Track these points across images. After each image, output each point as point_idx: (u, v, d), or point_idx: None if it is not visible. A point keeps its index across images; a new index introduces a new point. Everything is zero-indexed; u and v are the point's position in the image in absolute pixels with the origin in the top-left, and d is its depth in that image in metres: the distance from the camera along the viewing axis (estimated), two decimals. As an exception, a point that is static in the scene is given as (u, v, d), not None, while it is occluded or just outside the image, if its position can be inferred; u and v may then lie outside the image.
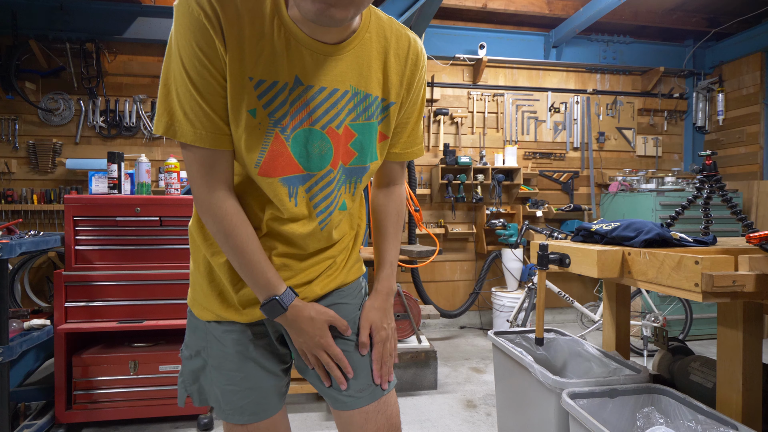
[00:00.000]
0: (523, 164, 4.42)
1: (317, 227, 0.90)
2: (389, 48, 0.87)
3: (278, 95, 0.78)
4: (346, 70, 0.82)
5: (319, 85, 0.80)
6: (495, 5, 4.06)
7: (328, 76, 0.81)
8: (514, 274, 3.95)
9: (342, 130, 0.85)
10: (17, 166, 3.61)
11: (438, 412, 2.48)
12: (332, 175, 0.87)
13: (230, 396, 0.94)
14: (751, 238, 1.09)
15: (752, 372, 1.24)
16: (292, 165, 0.82)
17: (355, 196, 0.95)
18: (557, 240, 1.74)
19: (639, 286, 1.25)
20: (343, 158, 0.87)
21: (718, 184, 1.73)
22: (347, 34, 0.81)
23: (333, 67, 0.81)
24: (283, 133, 0.80)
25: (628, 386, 1.37)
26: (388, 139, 0.93)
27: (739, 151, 4.40)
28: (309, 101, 0.80)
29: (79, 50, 3.59)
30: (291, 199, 0.85)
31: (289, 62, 0.78)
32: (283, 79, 0.78)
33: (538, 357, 1.82)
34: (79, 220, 2.21)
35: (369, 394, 0.95)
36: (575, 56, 4.45)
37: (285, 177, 0.83)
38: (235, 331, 0.93)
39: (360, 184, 0.93)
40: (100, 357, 2.23)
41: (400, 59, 0.89)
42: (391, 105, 0.90)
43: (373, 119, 0.88)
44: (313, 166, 0.84)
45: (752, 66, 4.28)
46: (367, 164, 0.90)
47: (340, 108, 0.83)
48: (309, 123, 0.81)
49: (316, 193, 0.87)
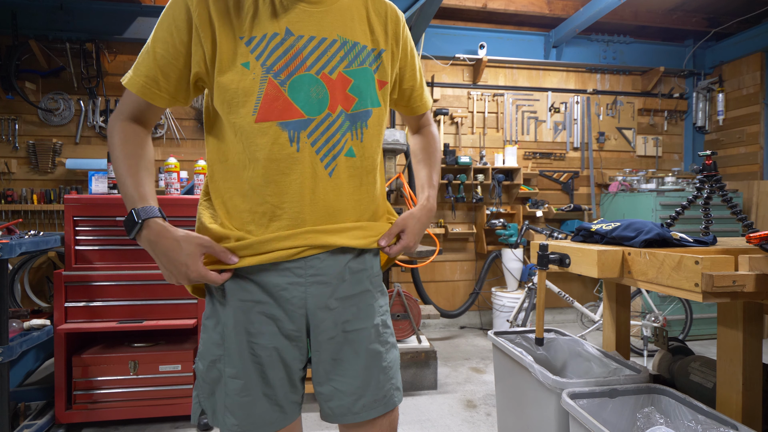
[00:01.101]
0: (523, 164, 4.42)
1: (324, 172, 0.90)
2: (369, 8, 0.97)
3: (268, 45, 0.86)
4: (332, 22, 0.91)
5: (309, 34, 0.88)
6: (495, 5, 4.06)
7: (316, 26, 0.89)
8: (514, 274, 3.95)
9: (336, 75, 0.90)
10: (17, 166, 3.61)
11: (438, 412, 2.48)
12: (331, 119, 0.90)
13: (246, 410, 0.89)
14: (751, 238, 1.09)
15: (752, 372, 1.24)
16: (291, 109, 0.87)
17: (364, 143, 0.94)
18: (557, 240, 1.74)
19: (639, 286, 1.25)
20: (344, 104, 0.91)
21: (718, 184, 1.72)
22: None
23: (319, 19, 0.90)
24: (276, 78, 0.86)
25: (628, 386, 1.37)
26: (388, 84, 0.99)
27: (739, 151, 4.40)
28: (301, 49, 0.88)
29: (79, 50, 3.59)
30: (293, 144, 0.87)
31: (275, 16, 0.87)
32: (273, 30, 0.86)
33: (538, 357, 1.82)
34: (79, 220, 2.21)
35: (382, 405, 0.96)
36: (575, 56, 4.45)
37: (284, 121, 0.87)
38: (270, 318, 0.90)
39: (366, 129, 0.94)
40: (100, 357, 2.23)
41: (380, 16, 0.99)
42: (382, 52, 0.97)
43: (366, 65, 0.94)
44: (312, 110, 0.88)
45: (752, 66, 4.28)
46: (369, 108, 0.94)
47: (330, 55, 0.90)
48: (303, 69, 0.88)
49: (317, 137, 0.89)
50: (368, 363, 0.95)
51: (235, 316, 0.90)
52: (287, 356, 0.92)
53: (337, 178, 0.91)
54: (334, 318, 0.93)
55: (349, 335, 0.95)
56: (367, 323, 0.97)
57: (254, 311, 0.90)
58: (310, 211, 0.89)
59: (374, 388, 0.95)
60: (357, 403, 0.94)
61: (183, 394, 2.28)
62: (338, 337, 0.94)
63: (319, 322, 0.93)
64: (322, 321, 0.93)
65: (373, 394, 0.95)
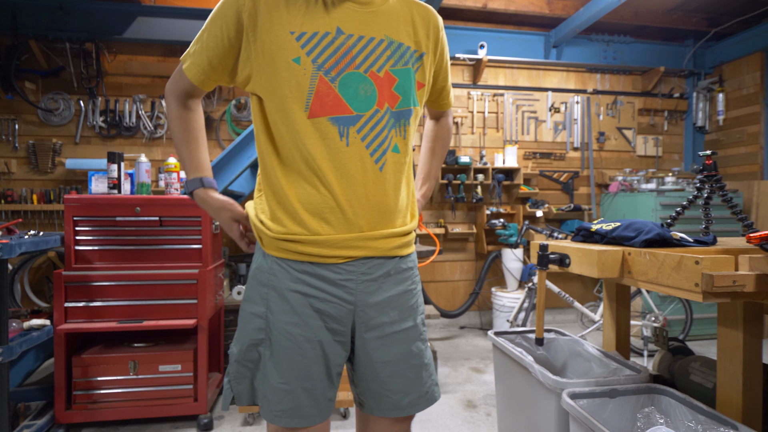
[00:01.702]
0: (523, 164, 4.42)
1: (375, 167, 0.93)
2: (413, 12, 1.01)
3: (320, 43, 0.89)
4: (380, 22, 0.95)
5: (359, 33, 0.92)
6: (495, 5, 4.06)
7: (365, 26, 0.93)
8: (514, 274, 3.94)
9: (383, 74, 0.94)
10: (17, 166, 3.61)
11: (438, 412, 2.48)
12: (379, 115, 0.93)
13: (282, 396, 0.91)
14: (751, 238, 1.09)
15: (752, 372, 1.23)
16: (341, 105, 0.90)
17: (406, 140, 0.99)
18: (557, 240, 1.74)
19: (639, 286, 1.25)
20: (390, 101, 0.95)
21: (718, 184, 1.72)
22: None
23: (368, 19, 0.94)
24: (327, 75, 0.89)
25: (629, 386, 1.37)
26: (425, 86, 1.03)
27: (739, 151, 4.40)
28: (351, 48, 0.91)
29: (79, 50, 3.58)
30: (342, 139, 0.91)
31: (330, 15, 0.91)
32: (325, 29, 0.90)
33: (538, 357, 1.82)
34: (79, 220, 2.21)
35: (425, 401, 1.02)
36: (575, 56, 4.45)
37: (334, 116, 0.90)
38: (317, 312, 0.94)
39: (408, 127, 0.99)
40: (100, 357, 2.23)
41: (423, 20, 1.02)
42: (423, 55, 1.01)
43: (409, 65, 0.98)
44: (361, 107, 0.91)
45: (752, 66, 4.28)
46: (411, 107, 0.98)
47: (378, 54, 0.93)
48: (353, 67, 0.91)
49: (366, 133, 0.92)
50: (413, 361, 1.00)
51: (284, 305, 0.93)
52: (329, 351, 0.95)
53: (385, 173, 0.95)
54: (381, 316, 0.97)
55: (396, 335, 0.99)
56: (411, 322, 1.01)
57: (304, 303, 0.93)
58: (362, 209, 0.93)
59: (419, 385, 1.01)
60: (404, 400, 0.99)
61: (183, 394, 2.28)
62: (385, 335, 0.97)
63: (368, 320, 0.97)
64: (371, 318, 0.97)
65: (417, 391, 1.00)
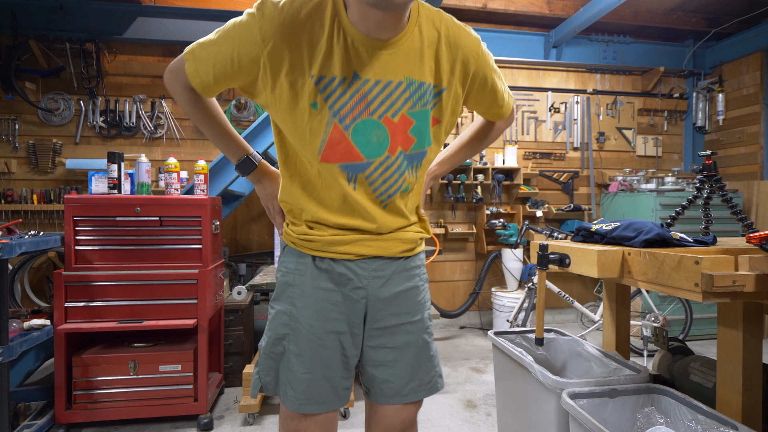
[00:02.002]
0: (523, 164, 4.42)
1: (380, 207, 0.98)
2: (441, 38, 0.93)
3: (337, 89, 0.88)
4: (400, 63, 0.89)
5: (376, 78, 0.89)
6: (495, 5, 4.06)
7: (383, 69, 0.89)
8: (514, 274, 3.94)
9: (398, 118, 0.92)
10: (17, 166, 3.61)
11: (438, 412, 2.48)
12: (390, 161, 0.93)
13: (306, 385, 0.97)
14: (751, 238, 1.09)
15: (752, 372, 1.24)
16: (352, 153, 0.91)
17: (417, 180, 1.01)
18: (557, 240, 1.74)
19: (639, 286, 1.25)
20: (403, 144, 0.94)
21: (718, 184, 1.73)
22: (399, 30, 0.88)
23: (387, 61, 0.89)
24: (341, 122, 0.89)
25: (628, 386, 1.37)
26: (441, 123, 0.99)
27: (739, 151, 4.40)
28: (366, 93, 0.89)
29: (79, 50, 3.59)
30: (350, 183, 0.94)
31: (347, 59, 0.87)
32: (342, 74, 0.87)
33: (538, 357, 1.82)
34: (79, 220, 2.21)
35: (427, 390, 1.07)
36: (575, 56, 4.45)
37: (344, 164, 0.91)
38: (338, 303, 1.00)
39: (420, 168, 1.00)
40: (100, 357, 2.23)
41: (451, 48, 0.95)
42: (443, 91, 0.96)
43: (428, 106, 0.95)
44: (371, 153, 0.92)
45: (752, 66, 4.28)
46: (425, 149, 0.97)
47: (395, 98, 0.91)
48: (367, 114, 0.90)
49: (375, 179, 0.94)
50: (419, 352, 1.06)
51: (307, 301, 0.99)
52: (345, 342, 1.01)
53: (390, 209, 0.99)
54: (391, 309, 1.03)
55: (403, 326, 1.04)
56: (418, 316, 1.07)
57: (324, 298, 0.99)
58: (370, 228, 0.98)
59: (423, 374, 1.06)
60: (407, 386, 1.05)
61: (183, 394, 2.28)
62: (393, 326, 1.03)
63: (376, 312, 1.02)
64: (379, 311, 1.02)
65: (420, 379, 1.06)
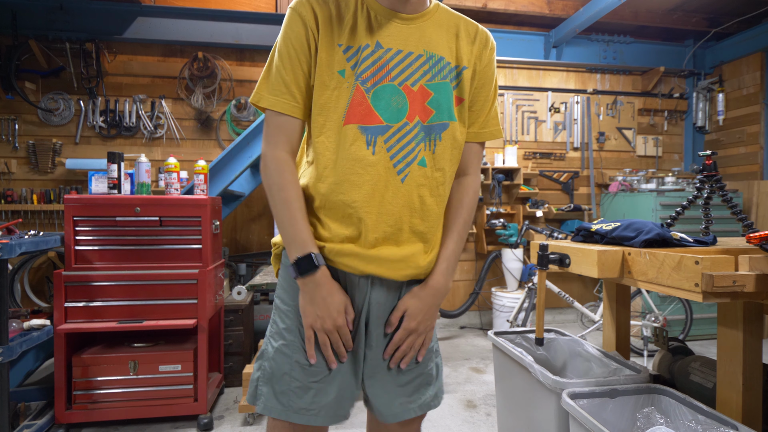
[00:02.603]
0: (523, 164, 4.42)
1: (397, 178, 0.94)
2: (459, 25, 1.01)
3: (361, 56, 0.92)
4: (420, 37, 0.96)
5: (397, 48, 0.94)
6: (495, 5, 4.06)
7: (405, 41, 0.95)
8: (514, 274, 3.94)
9: (417, 87, 0.95)
10: (17, 166, 3.61)
11: (438, 412, 2.48)
12: (408, 128, 0.94)
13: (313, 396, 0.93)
14: (751, 238, 1.09)
15: (752, 372, 1.23)
16: (372, 115, 0.92)
17: (436, 155, 0.96)
18: (557, 240, 1.74)
19: (639, 286, 1.25)
20: (421, 115, 0.95)
21: (718, 184, 1.72)
22: (421, 8, 0.97)
23: (409, 34, 0.95)
24: (363, 85, 0.92)
25: (628, 386, 1.37)
26: (464, 102, 1.00)
27: (739, 151, 4.40)
28: (388, 61, 0.93)
29: (79, 50, 3.58)
30: (369, 147, 0.93)
31: (370, 30, 0.94)
32: (365, 42, 0.93)
33: (538, 357, 1.82)
34: (79, 220, 2.21)
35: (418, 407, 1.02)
36: (575, 56, 4.45)
37: (364, 125, 0.92)
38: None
39: (440, 141, 0.97)
40: (100, 357, 2.23)
41: (469, 36, 1.02)
42: (464, 69, 0.99)
43: (447, 80, 0.97)
44: (390, 117, 0.93)
45: (752, 66, 4.28)
46: (445, 121, 0.97)
47: (414, 68, 0.95)
48: (388, 80, 0.93)
49: (393, 144, 0.94)
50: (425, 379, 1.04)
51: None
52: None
53: (408, 185, 0.94)
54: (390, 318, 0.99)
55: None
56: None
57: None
58: (375, 219, 0.93)
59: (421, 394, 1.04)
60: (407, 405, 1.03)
61: (183, 394, 2.28)
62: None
63: (376, 318, 0.98)
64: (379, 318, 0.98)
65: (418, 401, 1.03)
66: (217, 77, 3.76)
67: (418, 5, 0.96)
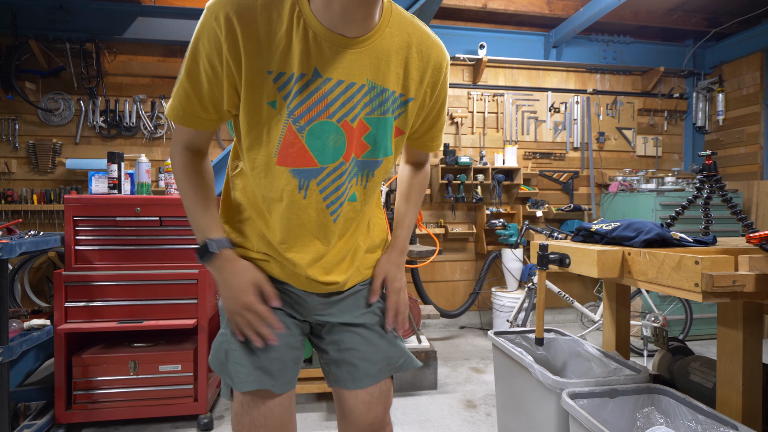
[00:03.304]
0: (523, 164, 4.42)
1: (329, 219, 0.92)
2: (411, 44, 0.87)
3: (295, 86, 0.80)
4: (364, 64, 0.83)
5: (337, 77, 0.81)
6: (495, 5, 4.06)
7: (347, 69, 0.82)
8: (514, 274, 3.95)
9: (356, 123, 0.85)
10: (17, 166, 3.61)
11: (438, 412, 2.48)
12: (344, 168, 0.88)
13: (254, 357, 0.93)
14: (751, 238, 1.09)
15: (752, 372, 1.24)
16: (306, 157, 0.84)
17: (367, 189, 0.94)
18: (557, 240, 1.75)
19: (639, 286, 1.25)
20: (356, 151, 0.88)
21: (718, 184, 1.73)
22: (368, 28, 0.81)
23: (352, 60, 0.82)
24: (295, 124, 0.82)
25: (628, 386, 1.37)
26: (405, 134, 0.95)
27: (739, 151, 4.40)
28: (326, 94, 0.82)
29: (79, 50, 3.59)
30: (301, 191, 0.87)
31: (307, 54, 0.79)
32: (300, 70, 0.79)
33: (538, 357, 1.82)
34: (79, 220, 2.21)
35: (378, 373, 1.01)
36: (575, 56, 4.45)
37: (296, 169, 0.85)
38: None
39: (372, 178, 0.93)
40: (100, 357, 2.23)
41: (422, 57, 0.89)
42: (409, 101, 0.90)
43: (389, 114, 0.88)
44: (326, 159, 0.86)
45: (752, 66, 4.28)
46: (380, 158, 0.91)
47: (356, 101, 0.84)
48: (326, 116, 0.83)
49: (326, 185, 0.88)
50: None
51: None
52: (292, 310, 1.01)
53: (338, 224, 0.93)
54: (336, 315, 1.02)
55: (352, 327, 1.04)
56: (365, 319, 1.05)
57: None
58: (311, 259, 0.93)
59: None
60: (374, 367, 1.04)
61: (183, 394, 2.28)
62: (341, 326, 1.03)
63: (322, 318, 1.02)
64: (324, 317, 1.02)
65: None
66: (217, 77, 3.75)
67: (364, 26, 0.80)
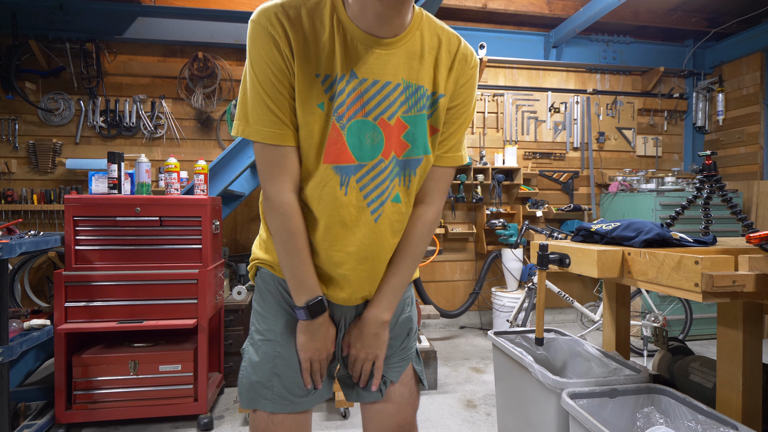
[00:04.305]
0: (523, 164, 4.42)
1: (370, 218, 0.91)
2: (442, 44, 0.91)
3: (338, 86, 0.84)
4: (398, 64, 0.86)
5: (373, 78, 0.85)
6: (495, 5, 4.06)
7: (382, 69, 0.85)
8: (514, 274, 3.94)
9: (394, 121, 0.88)
10: (17, 166, 3.61)
11: (438, 412, 2.48)
12: (383, 165, 0.89)
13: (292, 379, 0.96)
14: (751, 238, 1.09)
15: (752, 372, 1.24)
16: (346, 154, 0.86)
17: (410, 190, 0.94)
18: (557, 240, 1.74)
19: (639, 286, 1.25)
20: (397, 150, 0.90)
21: (718, 184, 1.73)
22: (400, 29, 0.85)
23: (386, 61, 0.85)
24: (339, 121, 0.85)
25: (628, 386, 1.37)
26: (439, 132, 0.94)
27: (739, 151, 4.40)
28: (363, 93, 0.85)
29: (79, 50, 3.59)
30: (342, 188, 0.88)
31: (345, 56, 0.83)
32: (341, 71, 0.83)
33: (538, 357, 1.82)
34: (79, 220, 2.21)
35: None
36: (575, 56, 4.45)
37: (338, 165, 0.87)
38: None
39: (414, 177, 0.93)
40: (100, 357, 2.23)
41: (450, 53, 0.91)
42: (440, 97, 0.91)
43: (424, 111, 0.90)
44: (365, 156, 0.87)
45: (752, 66, 4.28)
46: (420, 156, 0.92)
47: (392, 100, 0.87)
48: (362, 114, 0.86)
49: (366, 183, 0.89)
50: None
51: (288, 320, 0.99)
52: None
53: (381, 224, 0.92)
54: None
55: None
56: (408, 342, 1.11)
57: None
58: (353, 265, 0.93)
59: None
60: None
61: (183, 394, 2.28)
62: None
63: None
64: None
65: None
66: (217, 77, 3.76)
67: (398, 27, 0.84)
